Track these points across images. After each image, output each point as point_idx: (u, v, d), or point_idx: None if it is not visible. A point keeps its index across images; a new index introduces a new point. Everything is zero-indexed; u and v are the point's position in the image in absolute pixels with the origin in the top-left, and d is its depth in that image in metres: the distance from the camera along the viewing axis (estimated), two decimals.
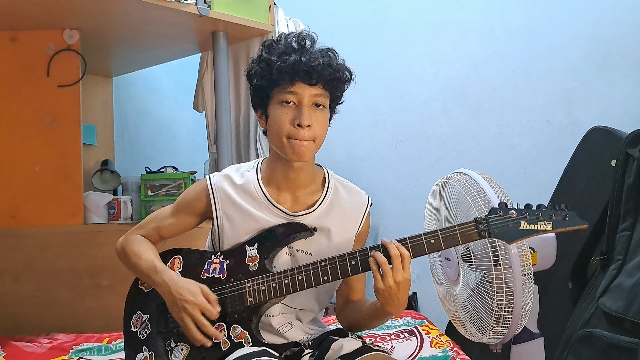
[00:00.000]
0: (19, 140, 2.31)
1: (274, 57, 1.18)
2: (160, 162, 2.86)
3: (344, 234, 1.30)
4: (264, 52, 1.22)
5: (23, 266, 2.25)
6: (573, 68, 2.26)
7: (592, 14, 2.21)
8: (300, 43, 1.20)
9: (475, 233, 1.12)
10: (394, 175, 2.89)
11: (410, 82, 2.81)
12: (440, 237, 1.13)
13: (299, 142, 1.18)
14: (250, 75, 1.24)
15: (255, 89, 1.24)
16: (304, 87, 1.18)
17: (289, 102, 1.18)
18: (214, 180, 1.29)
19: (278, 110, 1.19)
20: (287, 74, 1.16)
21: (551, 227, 1.11)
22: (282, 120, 1.18)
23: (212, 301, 1.19)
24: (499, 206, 1.14)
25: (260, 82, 1.21)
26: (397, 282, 1.10)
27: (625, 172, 1.62)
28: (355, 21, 3.02)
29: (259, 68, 1.21)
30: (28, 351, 1.87)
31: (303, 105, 1.18)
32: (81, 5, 2.13)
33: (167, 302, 1.22)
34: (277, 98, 1.20)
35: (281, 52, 1.19)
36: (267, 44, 1.23)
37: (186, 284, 1.20)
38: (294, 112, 1.18)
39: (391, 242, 1.12)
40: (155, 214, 1.37)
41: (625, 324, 1.45)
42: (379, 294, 1.12)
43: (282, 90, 1.18)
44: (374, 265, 1.11)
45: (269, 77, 1.19)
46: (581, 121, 2.20)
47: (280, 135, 1.19)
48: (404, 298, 1.13)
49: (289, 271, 1.19)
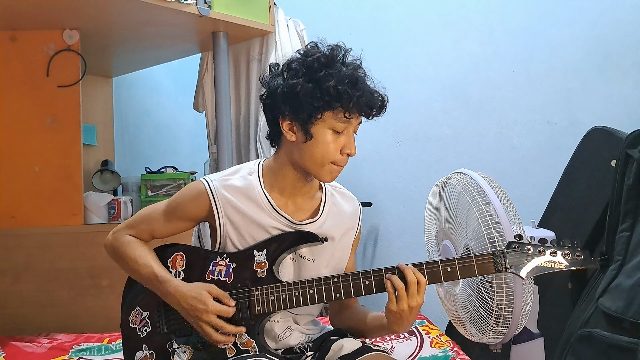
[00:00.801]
0: (19, 140, 2.32)
1: (332, 81, 1.14)
2: (160, 162, 2.86)
3: (344, 241, 1.31)
4: (313, 68, 1.17)
5: (23, 266, 2.25)
6: (573, 68, 2.26)
7: (592, 14, 2.21)
8: (356, 74, 1.18)
9: (492, 266, 1.15)
10: (394, 176, 2.89)
11: (411, 82, 2.81)
12: (457, 267, 1.15)
13: (340, 167, 1.21)
14: (292, 87, 1.17)
15: (297, 103, 1.17)
16: (358, 119, 1.20)
17: (342, 131, 1.18)
18: (213, 185, 1.24)
19: (329, 136, 1.18)
20: (353, 107, 1.15)
21: (565, 266, 1.15)
22: (332, 147, 1.18)
23: (223, 299, 1.17)
24: (515, 239, 1.17)
25: (309, 100, 1.15)
26: (411, 307, 1.11)
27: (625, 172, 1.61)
28: (355, 21, 3.02)
29: (310, 86, 1.15)
30: (28, 351, 1.87)
31: (351, 134, 1.20)
32: (81, 6, 2.13)
33: (180, 312, 1.20)
34: (330, 123, 1.17)
35: (341, 78, 1.15)
36: (314, 58, 1.18)
37: (193, 292, 1.17)
38: (344, 140, 1.19)
39: (408, 267, 1.14)
40: (146, 215, 1.31)
41: (625, 324, 1.45)
42: (390, 314, 1.13)
43: (338, 117, 1.16)
44: (390, 288, 1.12)
45: (326, 100, 1.15)
46: (581, 121, 2.20)
47: (325, 160, 1.19)
48: (413, 320, 1.15)
49: (299, 283, 1.18)
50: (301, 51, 1.22)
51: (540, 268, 1.15)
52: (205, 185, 1.25)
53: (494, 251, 1.17)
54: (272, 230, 1.23)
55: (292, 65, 1.20)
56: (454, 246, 1.58)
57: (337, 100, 1.14)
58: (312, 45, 1.22)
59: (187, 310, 1.17)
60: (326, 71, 1.16)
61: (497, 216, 1.39)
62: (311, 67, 1.17)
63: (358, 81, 1.16)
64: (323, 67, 1.16)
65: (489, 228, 1.39)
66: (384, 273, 1.15)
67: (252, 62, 2.64)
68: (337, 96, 1.14)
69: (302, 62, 1.19)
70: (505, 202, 1.44)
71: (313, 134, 1.17)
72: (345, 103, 1.14)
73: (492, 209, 1.40)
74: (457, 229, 1.55)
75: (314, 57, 1.18)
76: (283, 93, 1.18)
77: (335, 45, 1.21)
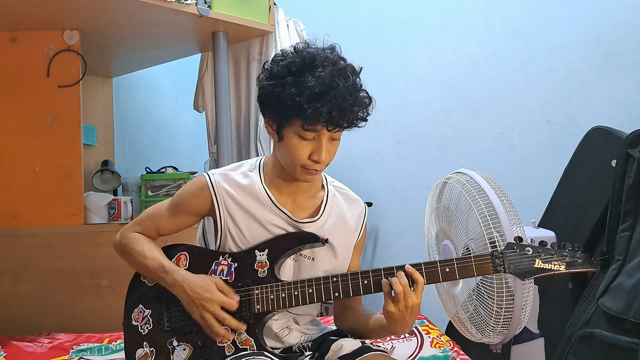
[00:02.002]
0: (19, 140, 2.32)
1: (294, 90, 1.10)
2: (160, 162, 2.87)
3: (344, 242, 1.31)
4: (283, 73, 1.14)
5: (23, 266, 2.25)
6: (573, 68, 2.26)
7: (592, 14, 2.21)
8: (333, 84, 1.10)
9: (491, 267, 1.16)
10: (394, 176, 2.89)
11: (410, 83, 2.81)
12: (456, 267, 1.15)
13: (313, 171, 1.19)
14: (264, 89, 1.16)
15: (267, 105, 1.17)
16: (322, 129, 1.14)
17: (311, 138, 1.15)
18: (214, 179, 1.26)
19: (296, 141, 1.15)
20: (312, 120, 1.10)
21: (564, 268, 1.16)
22: (299, 152, 1.16)
23: (228, 293, 1.18)
24: (514, 241, 1.18)
25: (275, 105, 1.14)
26: (408, 307, 1.11)
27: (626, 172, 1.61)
28: (356, 21, 3.02)
29: (277, 92, 1.13)
30: (29, 351, 1.87)
31: (322, 142, 1.15)
32: (81, 6, 2.13)
33: (183, 301, 1.20)
34: (296, 129, 1.14)
35: (304, 88, 1.09)
36: (286, 63, 1.14)
37: (199, 281, 1.19)
38: (312, 146, 1.16)
39: (406, 267, 1.14)
40: (152, 212, 1.33)
41: (626, 324, 1.44)
42: (389, 315, 1.13)
43: (305, 126, 1.12)
44: (386, 287, 1.12)
45: (286, 109, 1.12)
46: (581, 121, 2.20)
47: (295, 164, 1.18)
48: (413, 320, 1.15)
49: (299, 283, 1.19)
50: (285, 51, 1.19)
51: (539, 270, 1.15)
52: (207, 178, 1.26)
53: (493, 252, 1.17)
54: (272, 227, 1.24)
55: (269, 65, 1.19)
56: (454, 246, 1.58)
57: (296, 111, 1.11)
58: (300, 47, 1.18)
59: (192, 299, 1.17)
60: (293, 78, 1.11)
61: (497, 216, 1.38)
62: (281, 73, 1.14)
63: (323, 94, 1.09)
64: (291, 74, 1.12)
65: (489, 228, 1.38)
66: (382, 273, 1.15)
67: (252, 62, 2.65)
68: (295, 107, 1.10)
69: (277, 65, 1.16)
70: (505, 202, 1.44)
71: (283, 136, 1.17)
72: (302, 115, 1.10)
73: (492, 209, 1.40)
74: (457, 229, 1.55)
75: (287, 61, 1.14)
76: (260, 91, 1.19)
77: (319, 49, 1.16)
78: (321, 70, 1.11)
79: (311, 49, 1.16)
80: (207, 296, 1.16)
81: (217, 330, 1.17)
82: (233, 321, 1.17)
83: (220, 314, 1.16)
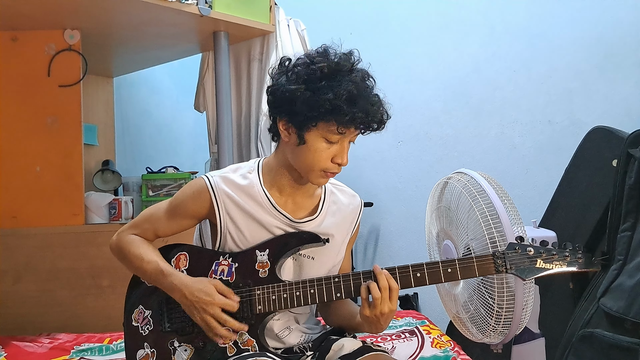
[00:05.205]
0: (19, 140, 2.32)
1: (330, 94, 1.11)
2: (161, 162, 2.87)
3: (341, 237, 1.32)
4: (315, 77, 1.14)
5: (24, 266, 2.25)
6: (574, 68, 2.26)
7: (593, 14, 2.21)
8: (360, 89, 1.14)
9: (493, 267, 1.16)
10: (395, 176, 2.89)
11: (411, 83, 2.81)
12: (458, 267, 1.15)
13: (331, 174, 1.21)
14: (292, 91, 1.15)
15: (294, 107, 1.15)
16: (354, 132, 1.18)
17: (336, 142, 1.18)
18: (213, 181, 1.25)
19: (321, 144, 1.17)
20: (347, 123, 1.13)
21: (565, 268, 1.16)
22: (324, 156, 1.17)
23: (228, 294, 1.18)
24: (516, 241, 1.18)
25: (306, 108, 1.13)
26: (384, 314, 1.12)
27: (627, 172, 1.61)
28: (356, 21, 3.02)
29: (309, 95, 1.13)
30: (29, 351, 1.87)
31: (345, 145, 1.19)
32: (82, 6, 2.14)
33: (183, 305, 1.20)
34: (324, 133, 1.16)
35: (340, 92, 1.11)
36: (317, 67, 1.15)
37: (198, 284, 1.18)
38: (336, 150, 1.18)
39: (382, 272, 1.14)
40: (149, 214, 1.32)
41: (626, 324, 1.45)
42: (364, 319, 1.15)
43: (332, 130, 1.14)
44: (364, 293, 1.14)
45: (321, 112, 1.12)
46: (582, 121, 2.20)
47: (315, 167, 1.18)
48: (386, 324, 1.16)
49: (300, 283, 1.19)
50: (310, 55, 1.20)
51: (540, 269, 1.16)
52: (206, 181, 1.25)
53: (494, 252, 1.17)
54: (272, 229, 1.24)
55: (296, 68, 1.19)
56: (454, 246, 1.58)
57: (332, 114, 1.12)
58: (321, 50, 1.19)
59: (192, 303, 1.17)
60: (327, 82, 1.13)
61: (498, 216, 1.38)
62: (313, 76, 1.15)
63: (358, 97, 1.13)
64: (324, 78, 1.14)
65: (490, 228, 1.39)
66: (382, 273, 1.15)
67: (253, 62, 2.65)
68: (332, 110, 1.12)
69: (306, 68, 1.17)
70: (506, 202, 1.44)
71: (306, 140, 1.17)
72: (339, 118, 1.12)
73: (493, 208, 1.40)
74: (458, 229, 1.55)
75: (318, 65, 1.15)
76: (282, 94, 1.17)
77: (344, 55, 1.19)
78: (354, 74, 1.16)
79: (338, 53, 1.19)
80: (207, 299, 1.16)
81: (219, 332, 1.17)
82: (235, 323, 1.17)
83: (222, 316, 1.16)
